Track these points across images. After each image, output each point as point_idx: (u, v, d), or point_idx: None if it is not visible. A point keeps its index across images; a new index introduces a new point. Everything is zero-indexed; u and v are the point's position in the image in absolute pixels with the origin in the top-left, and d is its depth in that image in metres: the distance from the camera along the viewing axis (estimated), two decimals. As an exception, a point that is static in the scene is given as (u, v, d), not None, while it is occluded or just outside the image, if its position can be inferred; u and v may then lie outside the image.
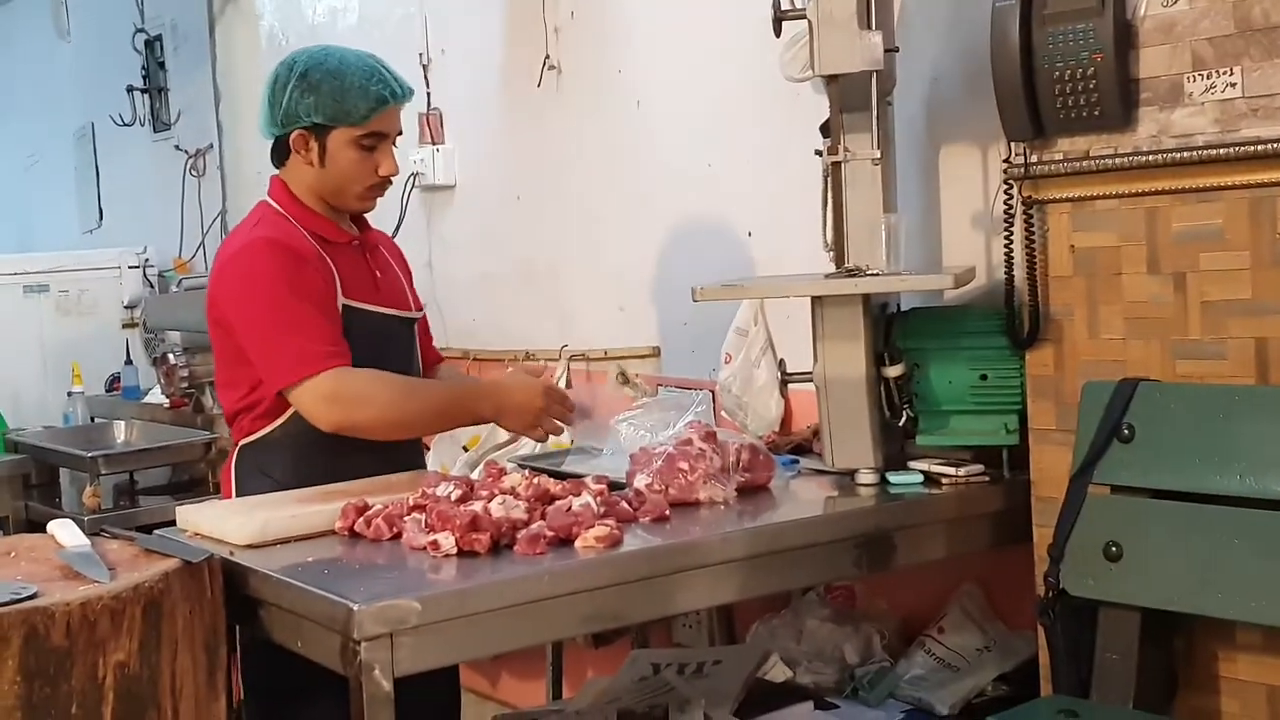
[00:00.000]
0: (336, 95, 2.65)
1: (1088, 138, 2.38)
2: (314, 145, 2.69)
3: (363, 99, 2.66)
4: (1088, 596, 2.30)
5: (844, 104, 2.59)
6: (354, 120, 2.66)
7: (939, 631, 2.87)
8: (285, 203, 2.74)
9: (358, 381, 2.57)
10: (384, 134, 2.71)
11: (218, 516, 2.43)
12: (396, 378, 2.63)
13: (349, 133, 2.68)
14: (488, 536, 2.19)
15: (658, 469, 2.46)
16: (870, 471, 2.60)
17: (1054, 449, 2.45)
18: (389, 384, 2.60)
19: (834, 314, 2.59)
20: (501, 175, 4.17)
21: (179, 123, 5.93)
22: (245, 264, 2.64)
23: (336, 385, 2.56)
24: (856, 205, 2.63)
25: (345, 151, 2.69)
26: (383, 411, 2.58)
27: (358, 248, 2.78)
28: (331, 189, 2.73)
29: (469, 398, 2.68)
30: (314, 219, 2.73)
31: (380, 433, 2.62)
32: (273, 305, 2.59)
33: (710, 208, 3.47)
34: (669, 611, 2.70)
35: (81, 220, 6.66)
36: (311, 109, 2.66)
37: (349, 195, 2.73)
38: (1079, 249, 2.42)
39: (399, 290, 2.87)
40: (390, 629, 1.96)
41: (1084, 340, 2.42)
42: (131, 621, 1.99)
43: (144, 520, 3.71)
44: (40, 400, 5.27)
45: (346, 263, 2.73)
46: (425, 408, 2.64)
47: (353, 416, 2.57)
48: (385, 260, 2.87)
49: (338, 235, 2.75)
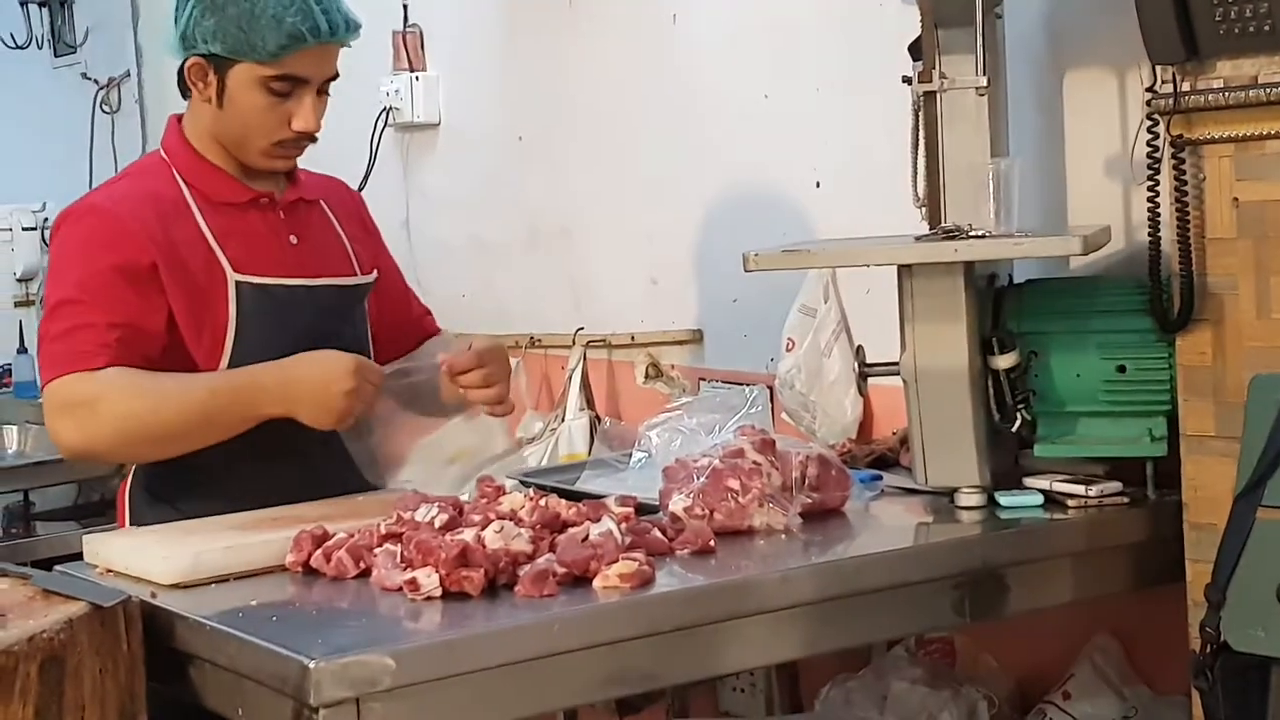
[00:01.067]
0: (242, 22, 2.65)
1: (1256, 60, 2.36)
2: (212, 79, 2.71)
3: (272, 32, 2.65)
4: (1257, 652, 2.29)
5: (940, 17, 2.60)
6: (259, 56, 2.66)
7: (1064, 697, 2.87)
8: (174, 150, 2.79)
9: (97, 385, 2.58)
10: (302, 79, 2.70)
11: (136, 548, 2.44)
12: (143, 379, 2.62)
13: (253, 70, 2.68)
14: (481, 574, 2.20)
15: (699, 487, 2.46)
16: (975, 491, 2.61)
17: (1214, 461, 2.44)
18: (128, 387, 2.59)
19: (927, 288, 2.59)
20: (499, 111, 4.19)
21: (86, 44, 5.96)
22: (58, 239, 2.74)
23: (74, 391, 2.59)
24: (956, 148, 2.63)
25: (248, 94, 2.70)
26: (121, 423, 2.58)
27: (265, 206, 2.80)
28: (231, 138, 2.75)
29: (244, 392, 2.63)
30: (204, 172, 2.76)
31: (125, 452, 2.68)
32: (55, 294, 2.66)
33: (767, 152, 3.48)
34: (714, 671, 2.71)
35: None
36: (211, 34, 2.67)
37: (251, 149, 2.75)
38: (1244, 203, 2.41)
39: (330, 254, 2.88)
40: (356, 692, 1.96)
41: (1251, 321, 2.41)
42: (26, 682, 2.00)
43: (43, 553, 3.74)
44: (-93, 399, 5.31)
45: (241, 228, 2.76)
46: (180, 415, 2.60)
47: (86, 430, 2.59)
48: (316, 218, 2.89)
49: (233, 193, 2.77)
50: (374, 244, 3.01)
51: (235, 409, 2.62)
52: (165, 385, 2.62)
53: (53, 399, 2.61)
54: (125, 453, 2.69)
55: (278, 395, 2.61)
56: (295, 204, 2.85)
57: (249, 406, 2.62)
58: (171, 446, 2.64)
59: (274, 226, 2.80)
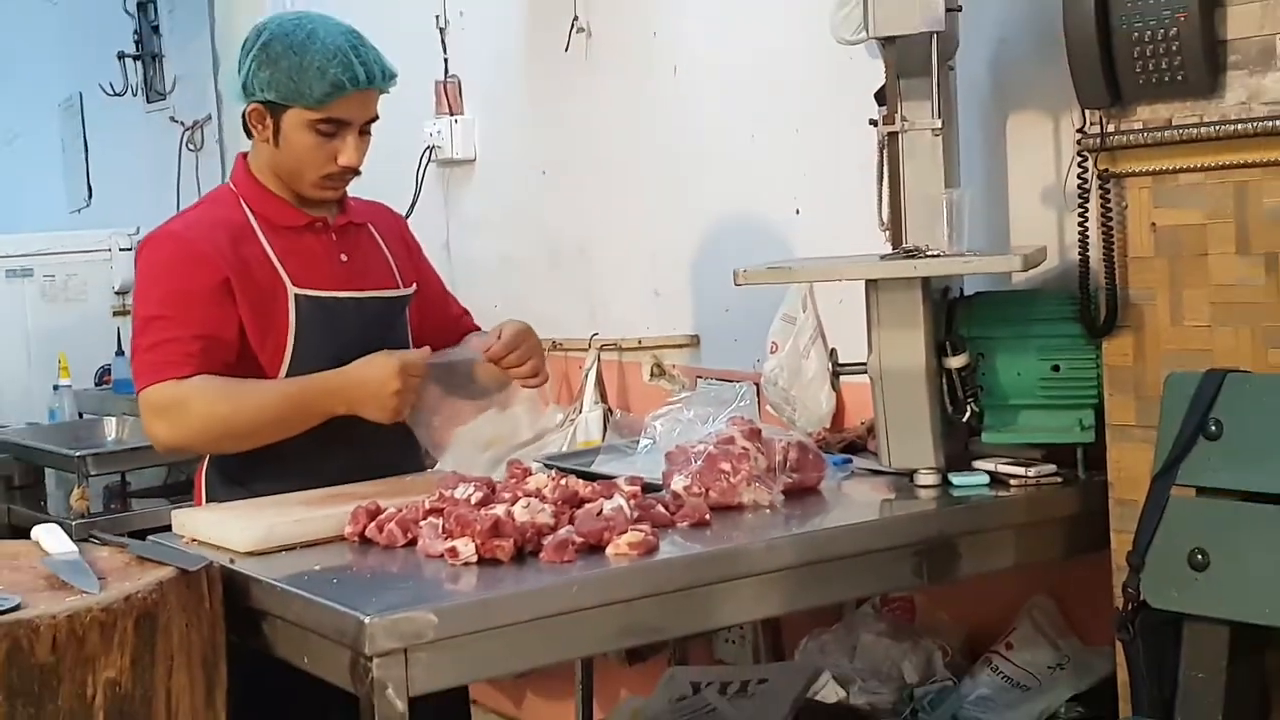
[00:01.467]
0: (293, 73, 2.65)
1: (1170, 105, 2.36)
2: (269, 122, 2.71)
3: (318, 82, 2.65)
4: (1171, 609, 2.29)
5: (901, 68, 2.58)
6: (308, 103, 2.66)
7: (1007, 648, 2.86)
8: (241, 181, 2.80)
9: (187, 391, 2.60)
10: (345, 121, 2.70)
11: (217, 521, 2.44)
12: (226, 385, 2.63)
13: (303, 114, 2.67)
14: (511, 543, 2.20)
15: (697, 469, 2.46)
16: (931, 472, 2.60)
17: (1134, 447, 2.44)
18: (212, 392, 2.61)
19: (890, 299, 2.58)
20: (525, 148, 4.18)
21: (174, 92, 5.96)
22: (142, 262, 2.75)
23: (166, 397, 2.60)
24: (915, 179, 2.62)
25: (300, 134, 2.69)
26: (210, 423, 2.61)
27: (319, 230, 2.80)
28: (287, 172, 2.75)
29: (311, 395, 2.64)
30: (266, 200, 2.76)
31: (214, 446, 2.70)
32: (143, 310, 2.67)
33: (754, 183, 3.47)
34: (710, 625, 2.71)
35: (69, 199, 6.70)
36: (266, 84, 2.67)
37: (303, 181, 2.75)
38: (1161, 227, 2.41)
39: (376, 269, 2.88)
40: (404, 644, 1.97)
41: (1166, 327, 2.41)
42: (123, 635, 2.00)
43: (136, 525, 3.71)
44: (24, 395, 5.30)
45: (299, 248, 2.75)
46: (259, 414, 2.63)
47: (178, 430, 2.62)
48: (364, 239, 2.88)
49: (291, 219, 2.77)
50: (414, 258, 3.00)
51: (305, 409, 2.63)
52: (245, 389, 2.63)
53: (147, 403, 2.62)
54: (212, 447, 2.71)
55: (340, 397, 2.63)
56: (345, 227, 2.85)
57: (316, 407, 2.63)
58: (250, 442, 2.65)
59: (327, 246, 2.80)
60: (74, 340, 5.33)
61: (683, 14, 3.63)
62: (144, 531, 2.59)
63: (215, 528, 2.41)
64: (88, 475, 4.24)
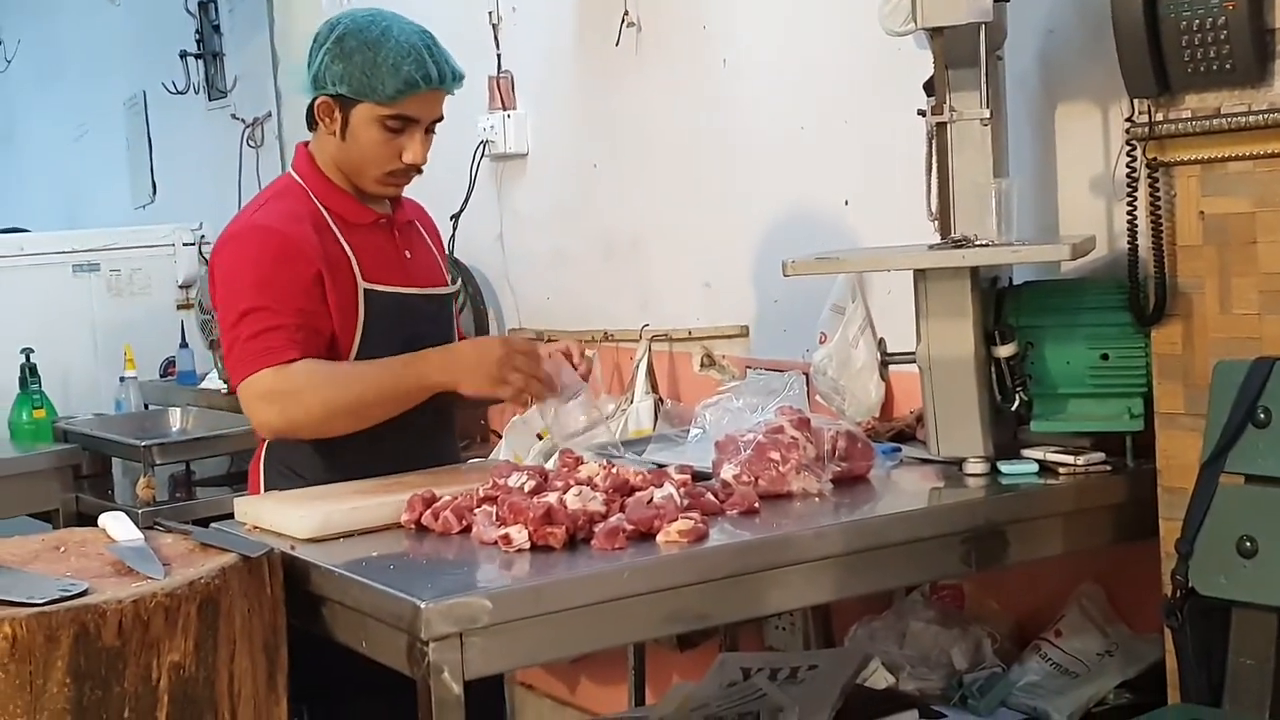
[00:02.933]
0: (366, 69, 2.65)
1: (1219, 94, 2.34)
2: (337, 116, 2.71)
3: (392, 78, 2.65)
4: (1219, 596, 2.27)
5: (950, 59, 2.57)
6: (379, 99, 2.66)
7: (1056, 634, 2.84)
8: (308, 175, 2.78)
9: (293, 375, 2.59)
10: (413, 119, 2.70)
11: (278, 509, 2.46)
12: (331, 366, 2.63)
13: (373, 110, 2.68)
14: (563, 530, 2.20)
15: (746, 458, 2.45)
16: (979, 460, 2.59)
17: (1182, 435, 2.42)
18: (320, 374, 2.61)
19: (939, 289, 2.57)
20: (577, 142, 4.18)
21: (235, 90, 6.00)
22: (230, 256, 2.70)
23: (273, 382, 2.59)
24: (964, 170, 2.61)
25: (368, 129, 2.70)
26: (320, 404, 2.59)
27: (384, 226, 2.81)
28: (351, 166, 2.75)
29: (414, 368, 2.63)
30: (335, 195, 2.76)
31: (323, 428, 2.64)
32: (239, 303, 2.63)
33: (804, 175, 3.46)
34: (759, 612, 2.71)
35: (134, 195, 6.76)
36: (339, 77, 2.67)
37: (367, 177, 2.75)
38: (1209, 215, 2.39)
39: (431, 267, 2.90)
40: (460, 628, 1.97)
41: (1215, 316, 2.39)
42: (187, 620, 2.02)
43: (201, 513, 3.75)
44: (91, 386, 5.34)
45: (369, 243, 2.76)
46: (366, 391, 2.60)
47: (288, 414, 2.60)
48: (417, 236, 2.90)
49: (360, 215, 2.77)
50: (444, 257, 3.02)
51: (408, 382, 2.61)
52: (349, 369, 2.64)
53: (253, 390, 2.60)
54: (321, 429, 2.65)
55: (440, 365, 2.62)
56: (405, 224, 2.86)
57: (419, 378, 2.61)
58: (357, 421, 2.63)
59: (392, 243, 2.81)
60: (139, 333, 5.37)
61: (732, 7, 3.62)
62: (207, 519, 2.61)
63: (276, 515, 2.42)
64: (153, 464, 4.27)
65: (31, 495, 4.44)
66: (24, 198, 7.85)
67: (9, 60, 7.96)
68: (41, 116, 7.75)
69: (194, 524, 2.44)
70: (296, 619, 2.24)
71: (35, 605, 1.93)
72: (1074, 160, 2.84)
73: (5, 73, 8.02)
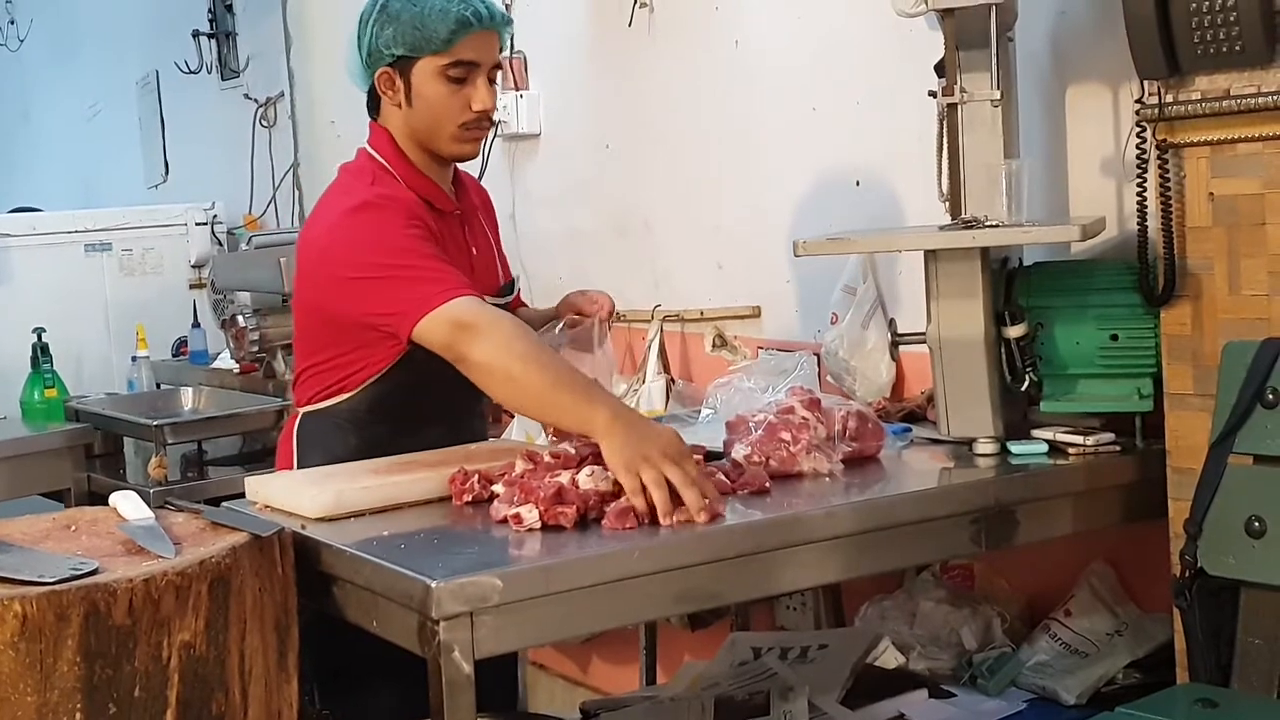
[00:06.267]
0: (416, 22, 2.63)
1: (1228, 75, 2.34)
2: (399, 83, 2.68)
3: (443, 21, 2.63)
4: (1228, 576, 2.28)
5: (960, 40, 2.57)
6: (436, 47, 2.63)
7: (1065, 614, 2.85)
8: (389, 154, 2.72)
9: (493, 318, 2.46)
10: (473, 62, 2.67)
11: (289, 488, 2.47)
12: (532, 334, 2.52)
13: (433, 62, 2.65)
14: (574, 510, 2.21)
15: (757, 438, 2.46)
16: (990, 441, 2.59)
17: (1192, 415, 2.42)
18: (520, 335, 2.46)
19: (949, 269, 2.57)
20: (589, 123, 4.18)
21: (248, 70, 6.00)
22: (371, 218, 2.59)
23: (470, 313, 2.45)
24: (974, 151, 2.61)
25: (431, 84, 2.66)
26: (501, 356, 2.40)
27: (457, 219, 2.79)
28: (425, 130, 2.70)
29: (589, 393, 2.40)
30: (420, 180, 2.72)
31: (485, 376, 2.44)
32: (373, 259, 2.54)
33: (815, 155, 3.45)
34: (770, 591, 2.72)
35: (146, 174, 6.77)
36: (392, 40, 2.66)
37: (441, 136, 2.70)
38: (1219, 197, 2.39)
39: (488, 267, 2.86)
40: (471, 607, 1.98)
41: (1224, 296, 2.39)
42: (198, 599, 2.03)
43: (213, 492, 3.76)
44: (103, 365, 5.37)
45: (448, 235, 2.73)
46: (545, 374, 2.39)
47: (468, 346, 2.42)
48: (479, 228, 2.87)
49: (443, 203, 2.75)
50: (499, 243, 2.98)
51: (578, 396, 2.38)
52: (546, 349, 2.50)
53: (449, 313, 2.45)
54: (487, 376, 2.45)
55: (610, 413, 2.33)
56: (470, 216, 2.83)
57: (586, 404, 2.36)
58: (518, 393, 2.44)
59: (462, 238, 2.79)
60: (151, 312, 5.39)
61: (744, -12, 3.62)
62: (219, 499, 2.62)
63: (287, 494, 2.43)
64: (165, 444, 4.30)
65: (43, 474, 4.47)
66: (38, 177, 7.87)
67: (22, 40, 7.97)
68: (55, 96, 7.76)
69: (205, 503, 2.45)
70: (307, 598, 2.25)
71: (46, 584, 1.94)
72: (1084, 141, 2.84)
73: (19, 52, 8.03)
